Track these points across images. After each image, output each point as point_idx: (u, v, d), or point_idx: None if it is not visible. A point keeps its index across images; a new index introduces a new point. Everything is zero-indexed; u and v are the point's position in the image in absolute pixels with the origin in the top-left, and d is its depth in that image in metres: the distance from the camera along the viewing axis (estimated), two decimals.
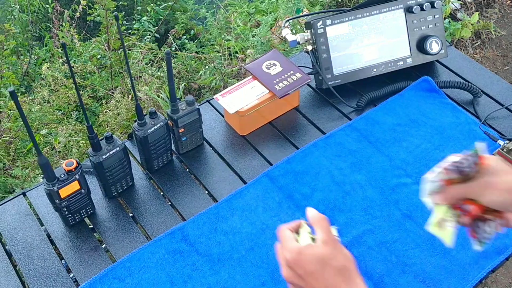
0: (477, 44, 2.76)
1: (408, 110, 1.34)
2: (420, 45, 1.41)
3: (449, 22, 2.67)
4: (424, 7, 1.38)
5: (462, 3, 2.89)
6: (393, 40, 1.40)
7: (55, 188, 1.02)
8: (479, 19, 2.78)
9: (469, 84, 1.38)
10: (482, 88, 1.41)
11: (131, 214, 1.17)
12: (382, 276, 1.03)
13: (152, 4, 3.36)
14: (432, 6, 1.39)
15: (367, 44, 1.39)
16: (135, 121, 1.15)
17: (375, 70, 1.40)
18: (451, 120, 1.32)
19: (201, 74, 2.59)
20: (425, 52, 1.41)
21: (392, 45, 1.40)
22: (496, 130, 1.31)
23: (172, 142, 1.24)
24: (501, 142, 1.25)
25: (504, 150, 1.21)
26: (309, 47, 1.38)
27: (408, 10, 1.38)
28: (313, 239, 0.78)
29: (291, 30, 1.42)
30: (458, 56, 1.52)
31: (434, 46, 1.40)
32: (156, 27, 3.20)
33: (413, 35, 1.41)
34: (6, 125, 2.12)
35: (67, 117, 2.42)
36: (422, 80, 1.40)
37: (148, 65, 2.69)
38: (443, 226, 0.84)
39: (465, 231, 0.85)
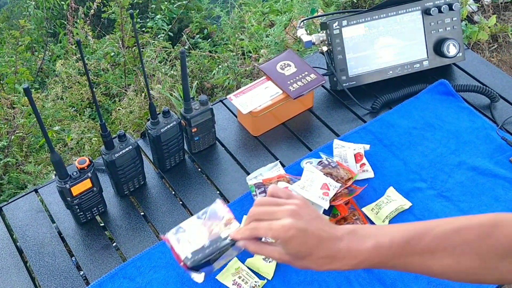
0: (494, 47, 2.73)
1: (424, 114, 1.33)
2: (437, 48, 1.39)
3: (466, 24, 2.64)
4: (442, 9, 1.36)
5: (480, 5, 2.86)
6: (409, 42, 1.38)
7: (67, 185, 1.02)
8: (497, 22, 2.75)
9: (487, 88, 1.36)
10: (500, 93, 1.39)
11: (142, 213, 1.17)
12: (395, 281, 1.01)
13: (166, 3, 3.36)
14: (450, 9, 1.37)
15: (383, 45, 1.37)
16: (148, 119, 1.15)
17: (391, 72, 1.39)
18: (467, 125, 1.30)
19: (214, 74, 2.59)
20: (442, 55, 1.39)
21: (408, 47, 1.38)
22: None
23: (184, 142, 1.24)
24: None
25: None
26: (324, 48, 1.37)
27: (426, 12, 1.36)
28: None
29: (306, 31, 1.40)
30: (476, 60, 1.49)
31: (451, 49, 1.38)
32: (170, 26, 3.20)
33: (430, 38, 1.39)
34: (19, 121, 2.13)
35: (80, 114, 2.43)
36: (438, 83, 1.38)
37: (162, 64, 2.69)
38: None
39: None
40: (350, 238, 0.74)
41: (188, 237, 1.01)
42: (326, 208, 1.06)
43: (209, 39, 3.13)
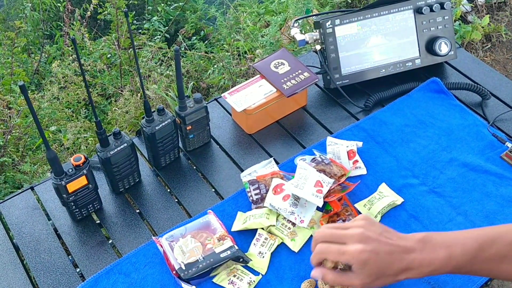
0: (487, 47, 2.75)
1: (416, 111, 1.34)
2: (429, 46, 1.41)
3: (460, 24, 2.66)
4: (433, 8, 1.37)
5: (473, 5, 2.88)
6: (402, 40, 1.40)
7: (63, 182, 1.03)
8: (490, 22, 2.77)
9: (478, 86, 1.38)
10: (491, 90, 1.41)
11: (137, 210, 1.18)
12: None
13: (162, 4, 3.37)
14: (442, 7, 1.38)
15: (376, 44, 1.39)
16: (143, 117, 1.16)
17: (383, 70, 1.40)
18: (459, 122, 1.31)
19: (209, 73, 2.60)
20: (434, 53, 1.41)
21: (401, 45, 1.40)
22: (504, 132, 1.30)
23: (179, 139, 1.25)
24: (509, 144, 1.24)
25: None
26: (318, 47, 1.38)
27: (418, 11, 1.38)
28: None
29: (301, 31, 1.42)
30: (467, 58, 1.51)
31: (443, 47, 1.40)
32: (167, 27, 3.21)
33: (422, 36, 1.40)
34: (15, 121, 2.14)
35: (76, 114, 2.44)
36: (430, 81, 1.40)
37: (158, 64, 2.70)
38: None
39: None
40: (422, 248, 0.79)
41: (182, 246, 1.04)
42: (320, 206, 1.08)
43: (206, 41, 3.15)
